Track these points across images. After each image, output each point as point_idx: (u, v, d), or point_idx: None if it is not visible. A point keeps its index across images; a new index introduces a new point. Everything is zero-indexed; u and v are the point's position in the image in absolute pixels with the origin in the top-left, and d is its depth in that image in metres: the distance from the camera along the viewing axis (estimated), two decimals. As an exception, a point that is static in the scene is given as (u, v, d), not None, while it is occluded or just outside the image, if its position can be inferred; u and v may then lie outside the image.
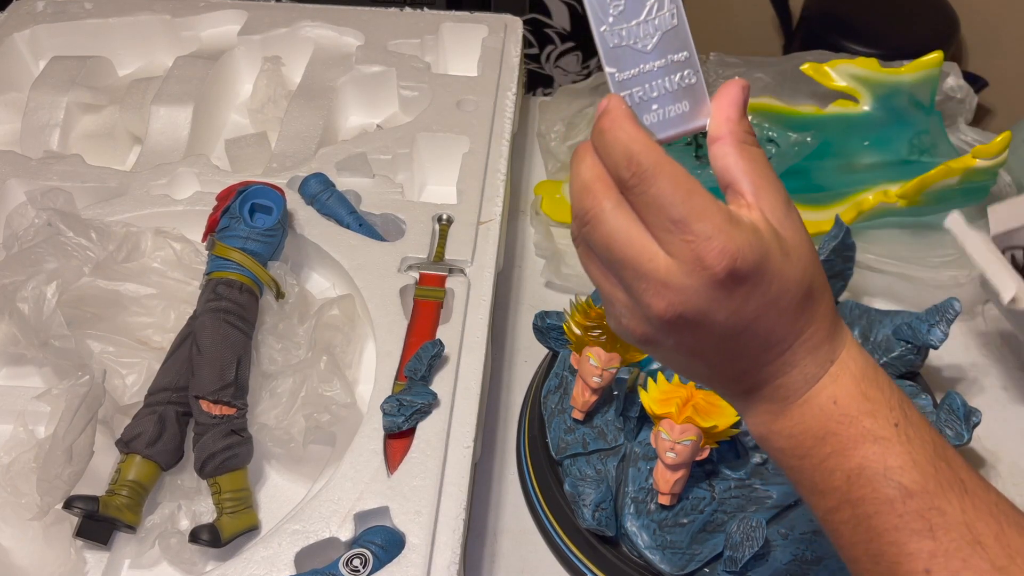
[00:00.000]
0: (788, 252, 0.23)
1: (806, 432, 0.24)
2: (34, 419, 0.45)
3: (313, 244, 0.53)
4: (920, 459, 0.22)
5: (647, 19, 0.25)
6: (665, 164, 0.22)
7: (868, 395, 0.23)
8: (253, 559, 0.39)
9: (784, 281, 0.23)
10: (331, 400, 0.45)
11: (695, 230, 0.22)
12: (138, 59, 0.68)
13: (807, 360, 0.24)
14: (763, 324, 0.23)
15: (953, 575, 0.21)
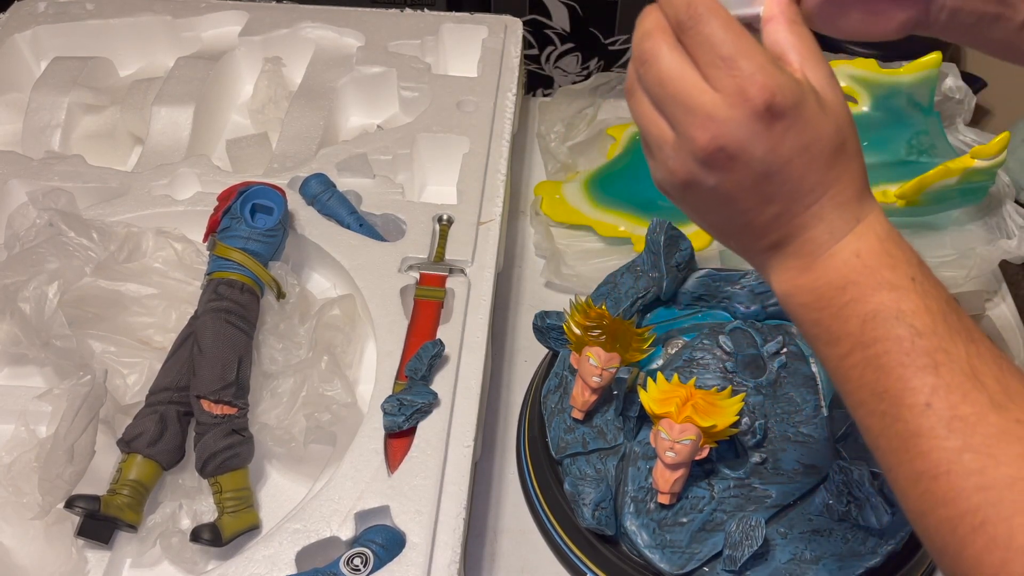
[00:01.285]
0: (824, 106, 0.25)
1: (828, 284, 0.25)
2: (35, 419, 0.45)
3: (314, 244, 0.53)
4: (932, 307, 0.23)
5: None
6: (719, 9, 0.25)
7: (890, 252, 0.25)
8: (254, 558, 0.39)
9: (818, 128, 0.25)
10: (332, 400, 0.46)
11: (741, 66, 0.24)
12: (139, 60, 0.69)
13: (835, 215, 0.25)
14: (796, 167, 0.25)
15: (951, 407, 0.22)
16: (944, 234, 0.59)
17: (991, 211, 0.59)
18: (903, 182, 0.56)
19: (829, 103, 0.25)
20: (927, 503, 0.23)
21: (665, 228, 0.50)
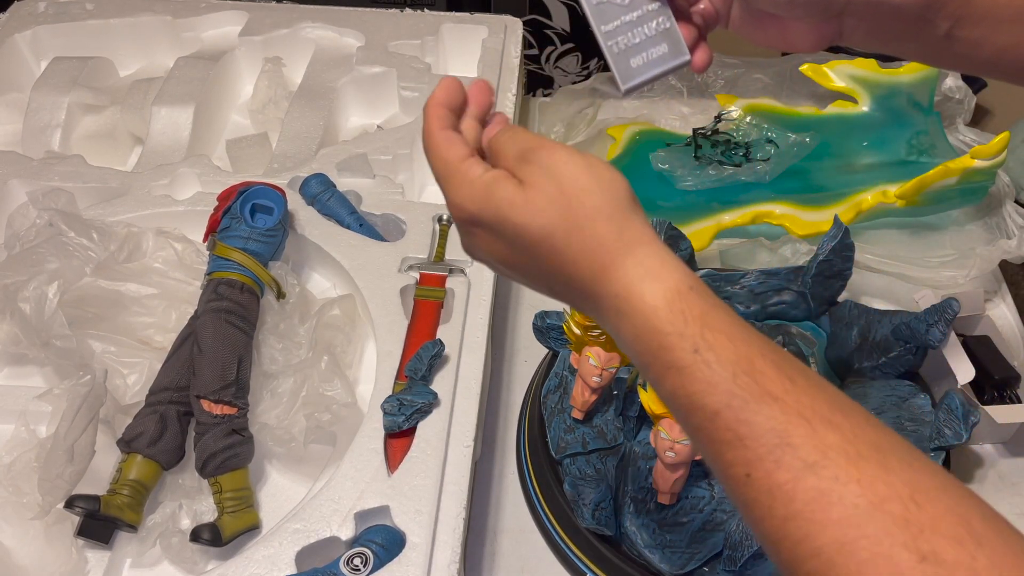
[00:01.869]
0: (516, 204, 0.26)
1: (633, 355, 0.26)
2: (36, 419, 0.45)
3: (314, 244, 0.53)
4: (719, 380, 0.23)
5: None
6: (433, 146, 0.28)
7: (662, 328, 0.25)
8: (254, 558, 0.39)
9: (516, 228, 0.26)
10: (332, 400, 0.46)
11: (446, 191, 0.28)
12: (139, 60, 0.69)
13: (585, 303, 0.27)
14: (517, 260, 0.27)
15: (768, 475, 0.22)
16: (944, 234, 0.59)
17: (991, 211, 0.59)
18: (903, 182, 0.56)
19: (527, 197, 0.26)
20: (778, 567, 0.22)
21: (665, 228, 0.50)
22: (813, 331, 0.52)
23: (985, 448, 0.51)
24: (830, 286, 0.50)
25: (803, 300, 0.51)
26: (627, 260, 0.25)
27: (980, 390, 0.50)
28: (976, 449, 0.50)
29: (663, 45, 0.31)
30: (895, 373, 0.48)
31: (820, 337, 0.51)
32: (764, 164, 0.58)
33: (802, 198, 0.57)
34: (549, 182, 0.26)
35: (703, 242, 0.55)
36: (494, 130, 0.29)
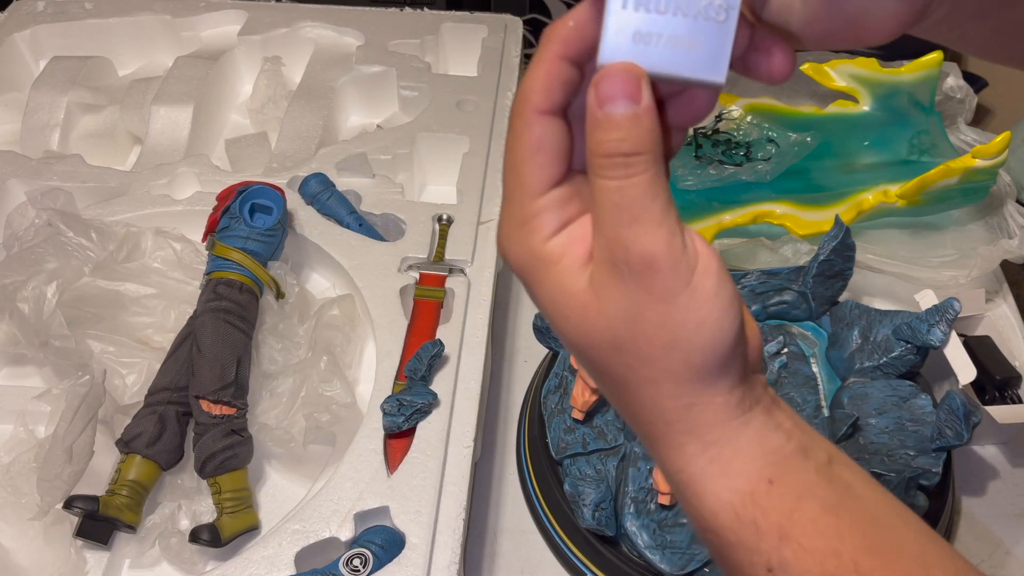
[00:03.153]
0: (570, 305, 0.20)
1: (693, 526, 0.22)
2: (34, 419, 0.45)
3: (313, 244, 0.53)
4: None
5: None
6: (519, 121, 0.20)
7: (728, 539, 0.20)
8: (253, 559, 0.39)
9: (579, 327, 0.20)
10: (331, 400, 0.45)
11: (501, 220, 0.22)
12: (138, 59, 0.68)
13: (673, 453, 0.21)
14: (595, 360, 0.21)
15: None
16: (945, 234, 0.58)
17: (992, 211, 0.59)
18: (904, 182, 0.56)
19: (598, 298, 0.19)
20: None
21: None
22: (814, 331, 0.52)
23: (987, 448, 0.50)
24: (831, 286, 0.50)
25: (804, 300, 0.51)
26: (690, 444, 0.20)
27: (981, 390, 0.50)
28: (977, 449, 0.50)
29: (700, 40, 0.19)
30: (896, 373, 0.48)
31: (821, 337, 0.51)
32: (765, 164, 0.58)
33: (803, 198, 0.57)
34: (622, 303, 0.19)
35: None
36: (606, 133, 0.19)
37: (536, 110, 0.20)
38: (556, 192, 0.21)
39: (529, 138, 0.20)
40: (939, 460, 0.43)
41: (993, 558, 0.46)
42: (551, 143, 0.20)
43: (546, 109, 0.20)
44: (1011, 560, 0.46)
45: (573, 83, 0.20)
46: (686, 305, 0.19)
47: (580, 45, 0.20)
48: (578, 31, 0.20)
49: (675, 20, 0.19)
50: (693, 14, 0.19)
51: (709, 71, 0.20)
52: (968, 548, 0.46)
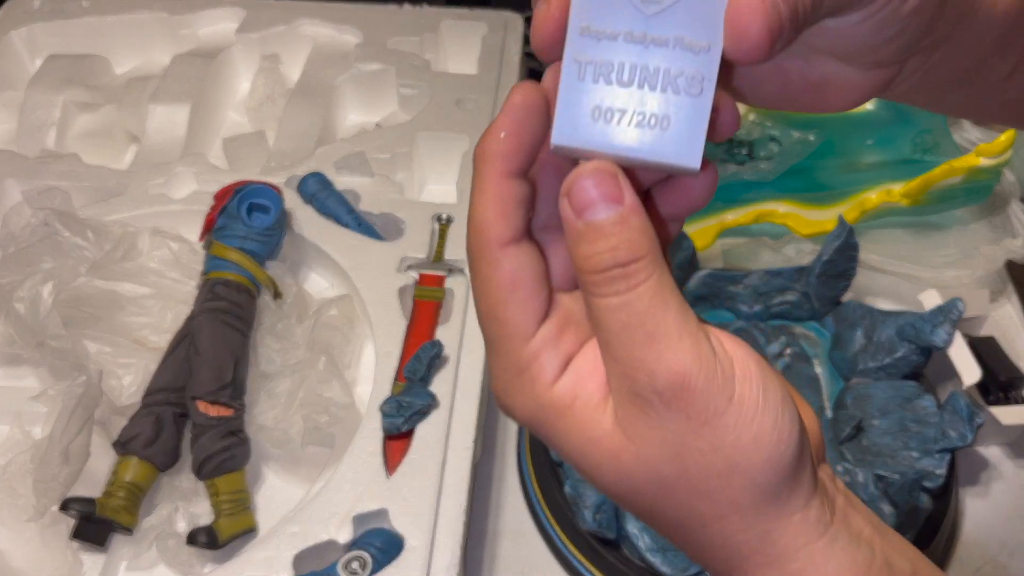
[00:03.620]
0: (602, 455, 0.18)
1: None
2: (30, 420, 0.45)
3: (311, 244, 0.53)
4: None
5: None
6: (483, 263, 0.18)
7: None
8: (251, 561, 0.39)
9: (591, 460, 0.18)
10: (329, 401, 0.45)
11: (487, 358, 0.19)
12: (135, 57, 0.68)
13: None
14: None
15: None
16: (948, 233, 0.58)
17: (996, 210, 0.59)
18: (908, 181, 0.56)
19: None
20: None
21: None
22: (817, 331, 0.51)
23: (991, 450, 0.50)
24: (834, 286, 0.50)
25: (807, 300, 0.50)
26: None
27: (986, 391, 0.49)
28: (981, 451, 0.50)
29: (669, 118, 0.16)
30: (900, 374, 0.48)
31: (824, 338, 0.51)
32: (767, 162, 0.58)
33: (806, 197, 0.57)
34: (659, 438, 0.17)
35: (706, 241, 0.55)
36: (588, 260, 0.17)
37: (499, 244, 0.17)
38: (546, 327, 0.18)
39: (501, 278, 0.17)
40: (943, 461, 0.43)
41: (997, 560, 0.46)
42: (527, 276, 0.18)
43: (509, 239, 0.18)
44: (1015, 562, 0.45)
45: (528, 197, 0.18)
46: (735, 422, 0.17)
47: (521, 154, 0.17)
48: (515, 139, 0.17)
49: (641, 94, 0.16)
50: (662, 87, 0.16)
51: (682, 155, 0.17)
52: (972, 550, 0.46)
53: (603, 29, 0.16)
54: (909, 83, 0.22)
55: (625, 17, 0.16)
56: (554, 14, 0.17)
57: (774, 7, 0.16)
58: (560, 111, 0.17)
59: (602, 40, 0.16)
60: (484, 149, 0.17)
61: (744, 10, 0.16)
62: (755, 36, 0.16)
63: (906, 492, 0.41)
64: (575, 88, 0.17)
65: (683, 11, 0.16)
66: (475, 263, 0.18)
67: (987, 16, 0.21)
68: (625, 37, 0.16)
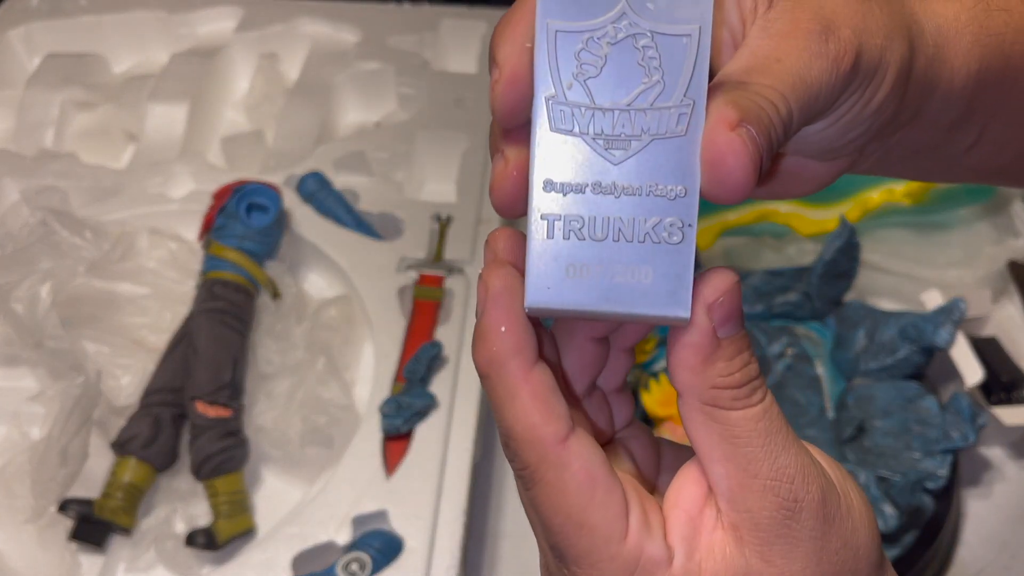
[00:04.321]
0: None
1: None
2: (28, 420, 0.44)
3: (310, 244, 0.52)
4: None
5: (634, 107, 0.15)
6: (549, 469, 0.16)
7: None
8: (250, 563, 0.39)
9: None
10: (328, 402, 0.45)
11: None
12: (133, 56, 0.68)
13: None
14: None
15: None
16: (951, 233, 0.58)
17: (999, 210, 0.58)
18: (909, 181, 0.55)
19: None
20: None
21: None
22: (819, 332, 0.51)
23: (993, 451, 0.50)
24: (836, 286, 0.50)
25: (809, 300, 0.50)
26: None
27: (988, 392, 0.49)
28: (984, 452, 0.50)
29: (648, 270, 0.15)
30: (902, 374, 0.47)
31: (826, 338, 0.51)
32: (768, 161, 0.57)
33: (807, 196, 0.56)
34: (802, 550, 0.16)
35: (707, 241, 0.55)
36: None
37: (558, 443, 0.16)
38: (634, 513, 0.17)
39: (575, 479, 0.16)
40: (945, 462, 0.42)
41: (999, 561, 0.45)
42: (599, 466, 0.17)
43: (566, 433, 0.16)
44: (1017, 563, 0.45)
45: (554, 378, 0.17)
46: (848, 513, 0.17)
47: (530, 339, 0.16)
48: (517, 328, 0.16)
49: (618, 247, 0.15)
50: (640, 238, 0.15)
51: (669, 306, 0.16)
52: (974, 551, 0.46)
53: (569, 182, 0.15)
54: (870, 162, 0.22)
55: (591, 167, 0.15)
56: (512, 172, 0.16)
57: (753, 143, 0.15)
58: (532, 272, 0.16)
59: (568, 194, 0.15)
60: (493, 354, 0.16)
61: (725, 153, 0.15)
62: (740, 178, 0.15)
63: (908, 493, 0.41)
64: (545, 247, 0.16)
65: (653, 157, 0.15)
66: (538, 474, 0.16)
67: (945, 95, 0.21)
68: (593, 188, 0.15)
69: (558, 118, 0.15)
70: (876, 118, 0.19)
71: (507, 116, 0.16)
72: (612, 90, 0.15)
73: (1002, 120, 0.23)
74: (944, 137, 0.23)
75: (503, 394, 0.16)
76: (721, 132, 0.15)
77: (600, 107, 0.15)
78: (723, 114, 0.15)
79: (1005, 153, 0.25)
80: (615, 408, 0.20)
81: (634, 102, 0.15)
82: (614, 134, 0.15)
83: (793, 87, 0.16)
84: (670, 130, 0.15)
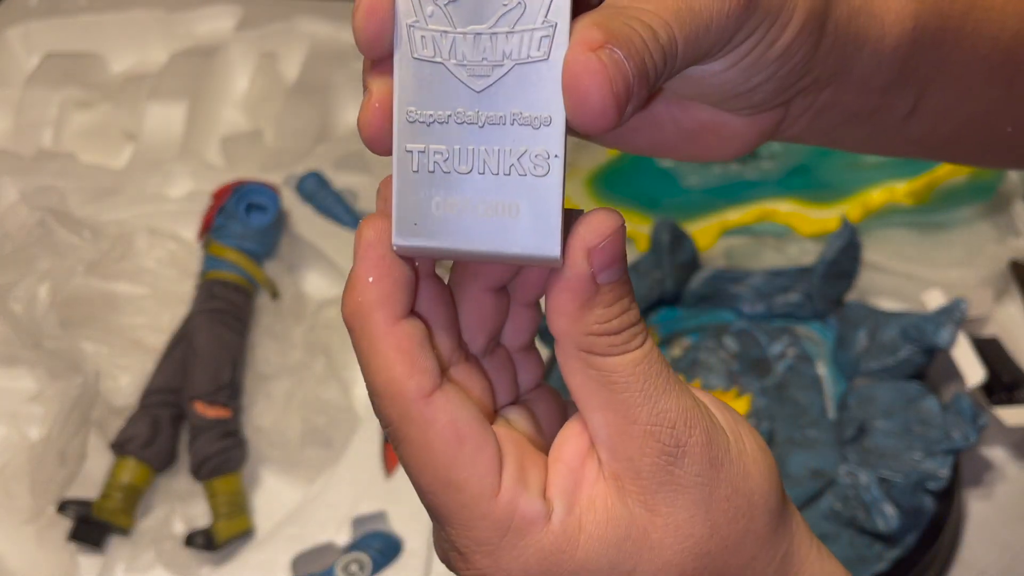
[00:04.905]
0: (634, 565, 0.16)
1: None
2: (27, 421, 0.44)
3: (309, 243, 0.52)
4: None
5: (497, 30, 0.15)
6: (412, 426, 0.16)
7: None
8: (249, 563, 0.39)
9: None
10: (328, 402, 0.45)
11: (450, 538, 0.16)
12: (132, 55, 0.68)
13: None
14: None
15: None
16: (952, 233, 0.58)
17: (1000, 209, 0.58)
18: (911, 179, 0.55)
19: (648, 544, 0.16)
20: None
21: (669, 228, 0.49)
22: (820, 332, 0.51)
23: (995, 451, 0.50)
24: (837, 286, 0.49)
25: (810, 300, 0.50)
26: None
27: (990, 392, 0.49)
28: (985, 452, 0.50)
29: (516, 203, 0.15)
30: (903, 375, 0.47)
31: (827, 338, 0.51)
32: (770, 161, 0.57)
33: (808, 196, 0.56)
34: (688, 498, 0.16)
35: (708, 241, 0.55)
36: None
37: (422, 398, 0.16)
38: (508, 468, 0.16)
39: (440, 436, 0.16)
40: (946, 463, 0.42)
41: (1000, 562, 0.45)
42: (468, 421, 0.16)
43: (431, 388, 0.16)
44: (1018, 564, 0.45)
45: (427, 331, 0.16)
46: (739, 457, 0.16)
47: (400, 292, 0.16)
48: (387, 278, 0.16)
49: (483, 180, 0.15)
50: (505, 170, 0.15)
51: (538, 245, 0.15)
52: (975, 552, 0.45)
53: (431, 112, 0.15)
54: (799, 125, 0.21)
55: (453, 96, 0.15)
56: (375, 105, 0.16)
57: (616, 67, 0.14)
58: (398, 209, 0.15)
59: (432, 124, 0.15)
60: (358, 304, 0.16)
61: (582, 75, 0.14)
62: (598, 103, 0.14)
63: (909, 494, 0.41)
64: (410, 181, 0.15)
65: (515, 83, 0.15)
66: (401, 431, 0.16)
67: (875, 52, 0.20)
68: (456, 118, 0.15)
69: (419, 45, 0.15)
70: (783, 64, 0.18)
71: (369, 45, 0.15)
72: (473, 14, 0.15)
73: (940, 86, 0.22)
74: (878, 101, 0.21)
75: (366, 347, 0.16)
76: (580, 53, 0.14)
77: (461, 31, 0.15)
78: (586, 35, 0.14)
79: (945, 124, 0.23)
80: (521, 368, 0.19)
81: (495, 26, 0.15)
82: (476, 60, 0.15)
83: (677, 13, 0.15)
84: (532, 55, 0.14)
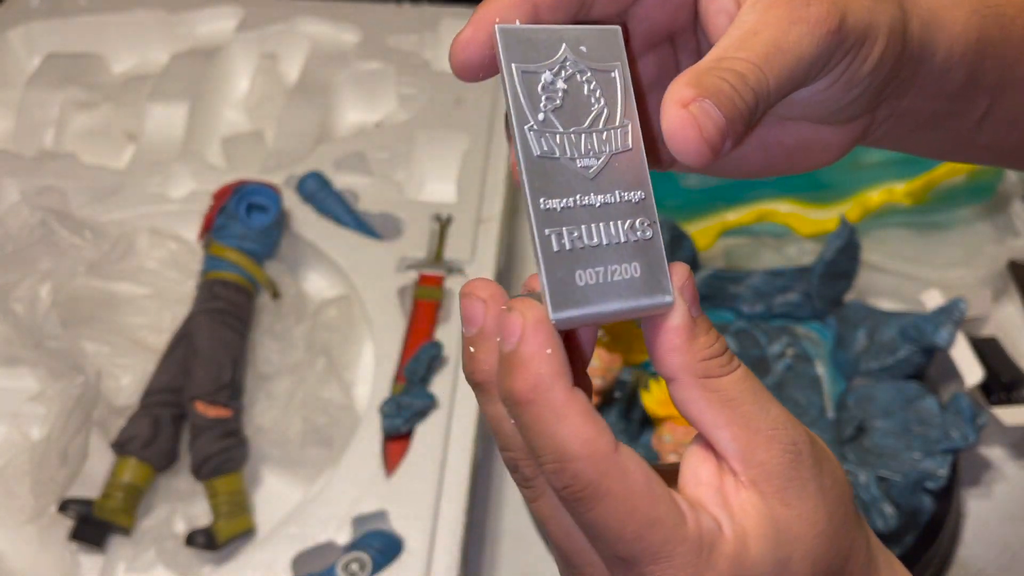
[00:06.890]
0: (789, 555, 0.17)
1: None
2: (28, 421, 0.44)
3: (310, 244, 0.52)
4: None
5: (593, 129, 0.18)
6: (613, 479, 0.16)
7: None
8: (249, 563, 0.39)
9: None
10: (328, 402, 0.45)
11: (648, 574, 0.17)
12: (133, 56, 0.68)
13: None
14: None
15: None
16: (951, 233, 0.58)
17: (999, 210, 0.58)
18: (910, 179, 0.55)
19: (794, 534, 0.17)
20: None
21: (669, 228, 0.49)
22: (819, 332, 0.51)
23: (993, 451, 0.50)
24: (836, 286, 0.50)
25: (809, 300, 0.50)
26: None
27: (988, 392, 0.49)
28: (984, 452, 0.50)
29: (634, 264, 0.18)
30: (902, 374, 0.47)
31: (826, 338, 0.51)
32: (768, 161, 0.57)
33: (807, 196, 0.56)
34: (810, 492, 0.17)
35: (707, 241, 0.55)
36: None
37: (614, 452, 0.17)
38: (678, 496, 0.17)
39: (637, 483, 0.17)
40: (945, 462, 0.42)
41: (999, 561, 0.45)
42: (647, 466, 0.17)
43: (615, 443, 0.17)
44: (1017, 563, 0.45)
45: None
46: (823, 449, 0.19)
47: (565, 362, 0.17)
48: (559, 350, 0.17)
49: (608, 250, 0.18)
50: (622, 239, 0.18)
51: (657, 293, 0.18)
52: (974, 551, 0.46)
53: (559, 200, 0.18)
54: (882, 130, 0.23)
55: (574, 185, 0.18)
56: (480, 36, 0.19)
57: (706, 115, 0.17)
58: (550, 285, 0.18)
59: (562, 210, 0.18)
60: (539, 378, 0.17)
61: (675, 127, 0.17)
62: (694, 147, 0.17)
63: (908, 493, 0.41)
64: (554, 260, 0.18)
65: (614, 169, 0.19)
66: (602, 487, 0.17)
67: (945, 60, 0.22)
68: (579, 201, 0.18)
69: (539, 146, 0.18)
70: (876, 76, 0.20)
71: (463, 70, 0.20)
72: (572, 116, 0.19)
73: (1010, 96, 0.24)
74: (950, 107, 0.23)
75: (551, 417, 0.17)
76: (670, 110, 0.17)
77: (569, 132, 0.18)
78: (677, 95, 0.17)
79: (1015, 131, 0.25)
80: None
81: (591, 126, 0.19)
82: (584, 154, 0.18)
83: (767, 56, 0.18)
84: (619, 147, 0.19)
